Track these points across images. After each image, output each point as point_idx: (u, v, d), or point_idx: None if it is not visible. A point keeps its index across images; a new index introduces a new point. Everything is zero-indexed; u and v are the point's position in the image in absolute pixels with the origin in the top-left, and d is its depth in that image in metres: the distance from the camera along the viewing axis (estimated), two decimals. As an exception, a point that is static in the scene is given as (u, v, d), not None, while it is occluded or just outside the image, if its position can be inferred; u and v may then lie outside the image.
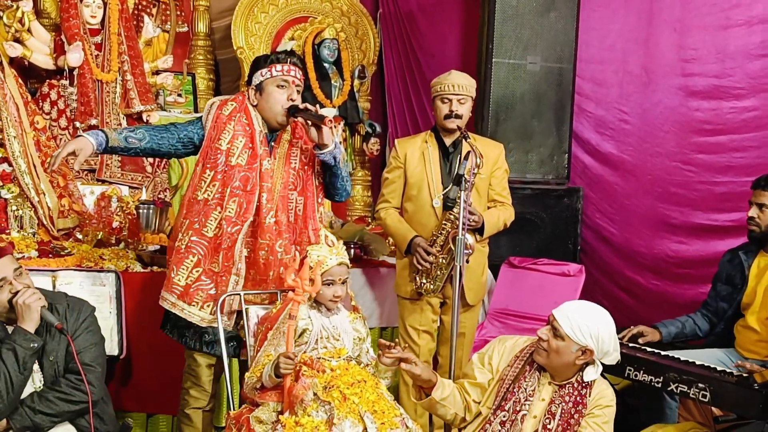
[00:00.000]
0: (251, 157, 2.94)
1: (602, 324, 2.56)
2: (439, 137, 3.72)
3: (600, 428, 2.60)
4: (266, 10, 5.39)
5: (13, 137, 3.93)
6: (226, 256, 2.93)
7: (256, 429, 2.57)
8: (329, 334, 2.73)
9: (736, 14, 4.55)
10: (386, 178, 3.80)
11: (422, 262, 3.55)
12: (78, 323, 2.75)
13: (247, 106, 2.99)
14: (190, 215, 2.96)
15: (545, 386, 2.65)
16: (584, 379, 2.61)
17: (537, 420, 2.61)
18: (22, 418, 2.60)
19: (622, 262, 4.97)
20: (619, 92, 5.01)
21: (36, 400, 2.62)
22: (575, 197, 4.91)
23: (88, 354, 2.74)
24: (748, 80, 4.50)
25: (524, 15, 4.79)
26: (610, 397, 2.66)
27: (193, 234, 2.93)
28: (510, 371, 2.68)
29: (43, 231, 3.91)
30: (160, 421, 3.80)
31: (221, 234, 2.92)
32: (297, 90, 3.01)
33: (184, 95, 5.38)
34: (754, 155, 4.46)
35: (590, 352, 2.56)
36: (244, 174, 2.92)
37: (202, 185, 2.95)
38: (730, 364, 3.31)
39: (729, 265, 3.61)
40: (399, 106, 6.06)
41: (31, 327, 2.58)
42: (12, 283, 2.62)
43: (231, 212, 2.92)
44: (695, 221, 4.69)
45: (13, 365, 2.54)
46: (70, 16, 4.55)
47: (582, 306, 2.63)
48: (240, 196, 2.92)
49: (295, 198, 3.04)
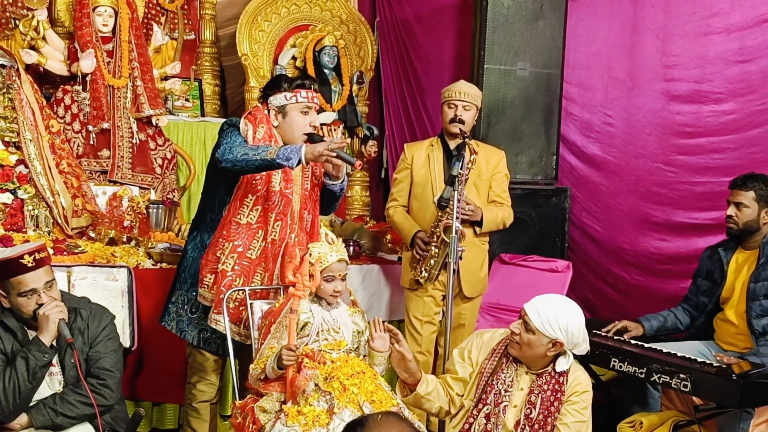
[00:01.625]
0: (285, 182, 2.93)
1: (571, 317, 2.54)
2: (444, 141, 3.80)
3: (579, 414, 2.60)
4: (269, 19, 5.39)
5: (29, 140, 3.93)
6: (268, 275, 2.95)
7: (260, 418, 2.57)
8: (329, 327, 2.73)
9: (715, 22, 4.55)
10: (395, 178, 3.93)
11: (419, 252, 3.63)
12: (98, 330, 2.74)
13: (273, 130, 2.95)
14: (232, 238, 2.91)
15: (523, 376, 2.64)
16: (556, 369, 2.60)
17: (518, 409, 2.61)
18: (44, 418, 2.58)
19: (607, 259, 4.97)
20: (604, 96, 5.00)
21: (57, 402, 2.60)
22: (563, 197, 4.91)
23: (109, 360, 2.72)
24: (727, 85, 4.50)
25: (514, 23, 4.79)
26: (586, 382, 2.65)
27: (238, 257, 2.90)
28: (488, 364, 2.68)
29: (58, 230, 3.90)
30: (167, 410, 3.81)
31: (264, 255, 2.93)
32: (317, 115, 3.00)
33: (192, 100, 5.38)
34: (732, 157, 4.46)
35: (560, 344, 2.55)
36: (284, 198, 2.92)
37: (244, 210, 2.91)
38: (709, 355, 3.32)
39: (708, 261, 3.62)
40: (395, 110, 6.06)
41: (47, 339, 2.55)
42: (40, 295, 2.60)
43: (275, 235, 2.93)
44: (676, 219, 4.69)
45: (23, 374, 2.51)
46: (83, 24, 4.55)
47: (551, 300, 2.60)
48: (283, 219, 2.93)
49: (306, 216, 3.06)
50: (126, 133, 4.59)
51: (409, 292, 3.84)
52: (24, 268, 2.56)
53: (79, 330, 2.69)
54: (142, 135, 4.66)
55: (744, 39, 4.44)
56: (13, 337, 2.62)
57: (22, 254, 2.56)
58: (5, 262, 2.57)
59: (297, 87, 2.94)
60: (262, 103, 3.02)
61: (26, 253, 2.57)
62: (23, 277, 2.57)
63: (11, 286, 2.59)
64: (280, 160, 2.68)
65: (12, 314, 2.64)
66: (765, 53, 4.37)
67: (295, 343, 2.60)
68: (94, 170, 4.50)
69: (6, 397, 2.50)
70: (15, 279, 2.57)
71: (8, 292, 2.60)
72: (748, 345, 3.34)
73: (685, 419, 3.30)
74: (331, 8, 5.55)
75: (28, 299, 2.59)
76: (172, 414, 3.82)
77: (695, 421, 3.28)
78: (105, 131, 4.54)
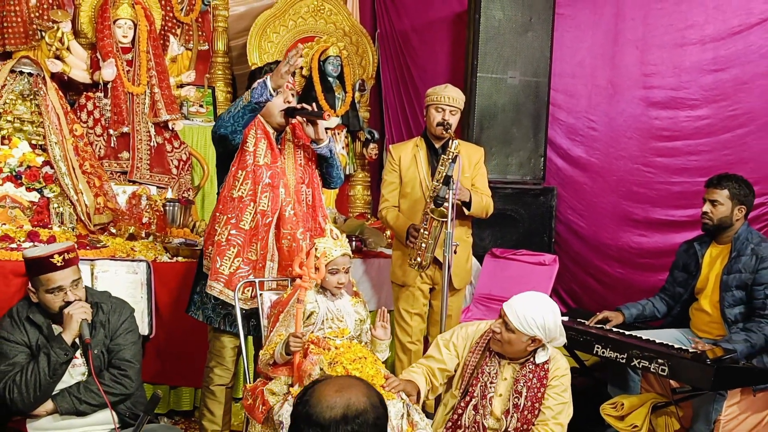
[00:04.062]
0: (273, 156, 2.94)
1: (548, 315, 2.52)
2: (428, 141, 3.73)
3: (560, 396, 2.59)
4: (277, 31, 5.40)
5: (54, 143, 3.92)
6: (262, 245, 2.93)
7: (269, 400, 2.57)
8: (333, 316, 2.73)
9: (690, 34, 4.55)
10: (385, 180, 3.83)
11: (412, 240, 3.54)
12: (119, 323, 2.73)
13: (258, 117, 2.97)
14: (226, 211, 2.94)
15: (506, 366, 2.62)
16: (536, 361, 2.58)
17: (503, 398, 2.59)
18: (68, 405, 2.56)
19: (590, 253, 4.97)
20: (588, 103, 5.00)
21: (81, 390, 2.58)
22: (550, 196, 4.91)
23: (129, 351, 2.71)
24: (702, 92, 4.50)
25: (505, 35, 4.78)
26: (565, 366, 2.64)
27: (231, 228, 2.91)
28: (472, 357, 2.66)
29: (81, 226, 3.90)
30: (183, 393, 3.81)
31: (256, 226, 2.92)
32: (291, 93, 3.00)
33: (205, 106, 5.36)
34: (707, 158, 4.46)
35: (539, 340, 2.54)
36: (271, 171, 2.92)
37: (236, 184, 2.92)
38: (685, 342, 3.32)
39: (685, 254, 3.61)
40: (395, 115, 6.05)
41: (69, 337, 2.54)
42: (67, 293, 2.59)
43: (264, 206, 2.92)
44: (655, 216, 4.69)
45: (45, 369, 2.50)
46: (104, 36, 4.55)
47: (528, 300, 2.56)
48: (270, 191, 2.92)
49: (305, 190, 3.05)
50: (144, 137, 4.59)
51: (397, 287, 3.78)
52: (53, 267, 2.56)
53: (101, 323, 2.68)
54: (159, 138, 4.65)
55: (717, 50, 4.45)
56: (39, 332, 2.61)
57: (53, 254, 2.55)
58: (37, 260, 2.56)
59: (266, 72, 2.95)
60: None
61: (56, 252, 2.56)
62: (52, 275, 2.56)
63: (40, 283, 2.58)
64: (255, 99, 2.73)
65: (39, 310, 2.63)
66: (737, 63, 4.38)
67: (301, 330, 2.60)
68: (115, 171, 4.50)
69: (27, 389, 2.49)
70: (44, 276, 2.56)
71: (37, 288, 2.60)
72: (721, 332, 3.34)
73: (663, 401, 3.30)
74: (335, 21, 5.55)
75: (55, 296, 2.58)
76: (188, 397, 3.82)
77: (672, 402, 3.28)
78: (125, 135, 4.54)
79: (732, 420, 3.25)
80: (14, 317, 2.63)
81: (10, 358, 2.56)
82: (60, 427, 2.60)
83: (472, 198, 3.60)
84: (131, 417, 2.67)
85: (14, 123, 3.95)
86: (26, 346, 2.60)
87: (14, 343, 2.58)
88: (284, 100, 2.97)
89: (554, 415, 2.57)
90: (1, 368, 2.54)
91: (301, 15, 5.45)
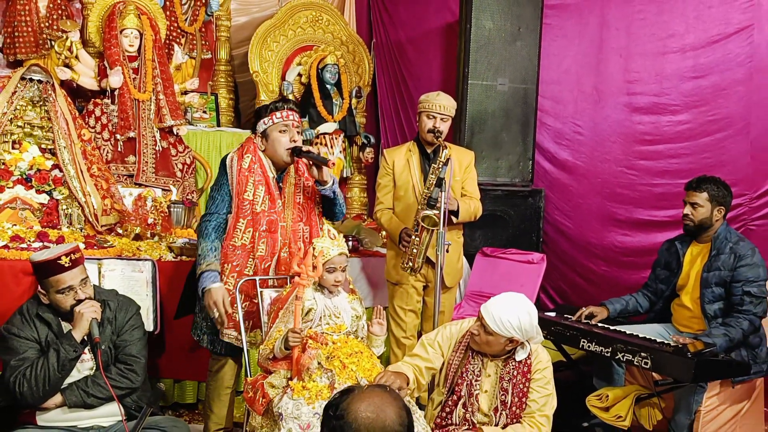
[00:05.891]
0: (271, 202, 2.90)
1: (523, 316, 2.48)
2: (421, 146, 3.72)
3: (544, 388, 2.58)
4: (277, 40, 5.39)
5: (63, 147, 3.90)
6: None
7: (269, 392, 2.56)
8: (331, 312, 2.72)
9: (671, 43, 4.56)
10: (379, 183, 3.81)
11: (404, 244, 3.53)
12: (125, 321, 2.72)
13: (259, 153, 2.92)
14: (231, 259, 2.90)
15: (489, 363, 2.60)
16: (516, 359, 2.56)
17: (488, 394, 2.58)
18: (77, 398, 2.55)
19: (577, 252, 4.97)
20: (574, 108, 5.00)
21: (89, 384, 2.57)
22: (538, 197, 4.91)
23: (135, 347, 2.71)
24: (682, 98, 4.50)
25: (495, 44, 4.78)
26: (546, 358, 2.62)
27: (237, 276, 2.89)
28: (455, 357, 2.64)
29: (89, 226, 3.88)
30: (186, 386, 3.80)
31: (258, 272, 2.91)
32: (297, 131, 2.94)
33: (209, 112, 5.36)
34: (687, 161, 4.47)
35: (516, 340, 2.52)
36: (269, 218, 2.89)
37: (237, 234, 2.89)
38: (667, 336, 3.32)
39: (667, 253, 3.61)
40: (390, 121, 6.05)
41: (78, 335, 2.53)
42: (77, 292, 2.58)
43: (262, 252, 2.90)
44: (638, 217, 4.69)
45: (54, 365, 2.48)
46: (111, 45, 4.53)
47: (504, 303, 2.52)
48: (267, 237, 2.90)
49: (302, 227, 3.00)
50: (150, 141, 4.57)
51: (392, 285, 3.76)
52: (61, 268, 2.54)
53: (108, 320, 2.67)
54: (164, 143, 4.64)
55: (697, 58, 4.45)
56: (48, 328, 2.60)
57: (60, 255, 2.54)
58: (45, 263, 2.55)
59: (272, 110, 2.90)
60: (253, 134, 2.99)
61: (63, 254, 2.54)
62: (61, 276, 2.55)
63: (50, 285, 2.57)
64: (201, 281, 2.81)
65: (49, 309, 2.62)
66: (716, 70, 4.38)
67: (300, 326, 2.59)
68: (122, 174, 4.48)
69: (37, 384, 2.48)
70: (54, 278, 2.55)
71: (47, 290, 2.58)
72: (701, 327, 3.34)
73: (646, 392, 3.30)
74: (333, 31, 5.55)
75: (66, 296, 2.57)
76: (191, 390, 3.80)
77: (655, 394, 3.28)
78: (131, 139, 4.52)
79: (712, 410, 3.24)
80: (24, 314, 2.62)
81: (21, 353, 2.54)
82: (68, 420, 2.59)
83: (460, 207, 3.59)
84: (137, 410, 2.66)
85: (25, 128, 3.93)
86: (36, 342, 2.58)
87: (24, 339, 2.57)
88: (290, 139, 2.90)
89: (539, 407, 2.55)
90: (12, 363, 2.53)
91: (300, 25, 5.45)
